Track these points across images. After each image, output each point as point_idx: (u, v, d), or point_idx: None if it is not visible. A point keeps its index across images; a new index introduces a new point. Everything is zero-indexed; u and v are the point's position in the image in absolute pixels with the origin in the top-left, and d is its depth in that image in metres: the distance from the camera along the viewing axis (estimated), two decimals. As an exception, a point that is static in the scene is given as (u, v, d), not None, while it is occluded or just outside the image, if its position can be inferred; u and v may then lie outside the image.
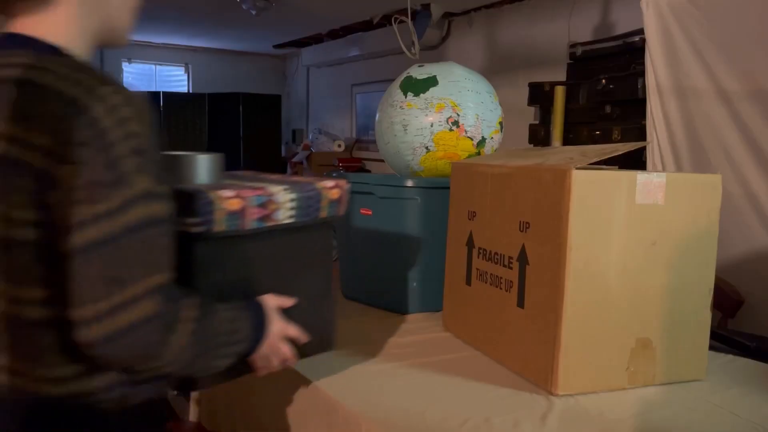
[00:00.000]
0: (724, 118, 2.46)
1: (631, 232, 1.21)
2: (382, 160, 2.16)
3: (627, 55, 3.63)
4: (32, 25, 0.82)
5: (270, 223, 1.06)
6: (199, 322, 0.81)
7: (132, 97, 0.77)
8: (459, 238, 1.55)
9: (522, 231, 1.29)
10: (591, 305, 1.20)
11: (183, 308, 0.79)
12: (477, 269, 1.47)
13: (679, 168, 2.61)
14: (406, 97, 1.95)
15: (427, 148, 1.93)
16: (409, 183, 1.81)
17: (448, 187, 1.63)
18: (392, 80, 2.10)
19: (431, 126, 1.91)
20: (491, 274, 1.40)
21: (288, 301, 1.05)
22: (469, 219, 1.51)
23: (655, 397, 1.23)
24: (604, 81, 3.73)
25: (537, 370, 1.25)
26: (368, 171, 6.17)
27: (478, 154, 1.96)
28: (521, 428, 1.07)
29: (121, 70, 7.91)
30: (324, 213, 1.16)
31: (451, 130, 1.90)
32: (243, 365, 1.01)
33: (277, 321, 1.00)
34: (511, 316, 1.33)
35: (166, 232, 0.78)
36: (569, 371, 1.20)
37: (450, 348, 1.49)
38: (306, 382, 1.28)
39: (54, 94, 0.75)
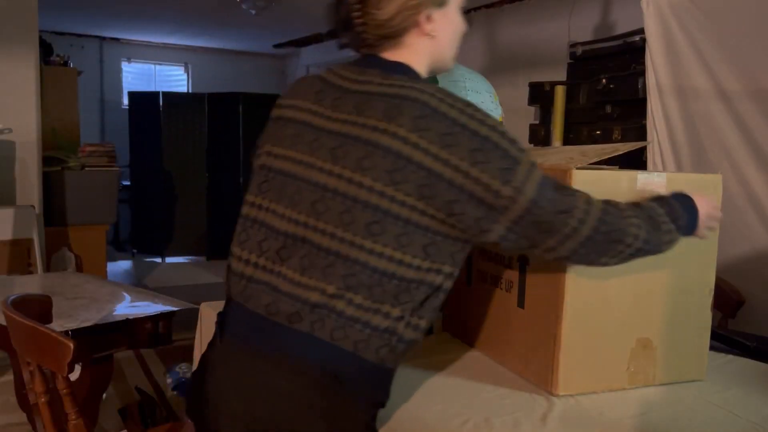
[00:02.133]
0: (724, 117, 2.46)
1: (632, 231, 1.21)
2: (382, 160, 2.15)
3: (627, 54, 3.64)
4: (389, 55, 1.11)
5: None
6: (631, 209, 1.09)
7: (484, 110, 1.03)
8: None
9: (522, 231, 1.28)
10: (591, 305, 1.20)
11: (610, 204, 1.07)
12: (477, 269, 1.47)
13: (679, 168, 2.61)
14: (406, 97, 1.95)
15: (427, 147, 1.93)
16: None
17: (448, 187, 1.63)
18: (392, 80, 2.10)
19: (431, 126, 1.91)
20: (491, 274, 1.40)
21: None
22: (469, 219, 1.50)
23: (655, 397, 1.23)
24: (604, 81, 3.73)
25: (537, 370, 1.25)
26: (368, 171, 6.16)
27: (478, 153, 1.95)
28: (521, 428, 1.07)
29: (120, 70, 7.92)
30: None
31: (451, 129, 1.90)
32: None
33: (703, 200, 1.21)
34: (511, 316, 1.33)
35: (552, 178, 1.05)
36: (569, 371, 1.20)
37: (450, 348, 1.49)
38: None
39: (440, 114, 0.99)
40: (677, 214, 1.13)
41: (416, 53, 1.12)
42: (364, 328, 1.00)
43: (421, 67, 1.13)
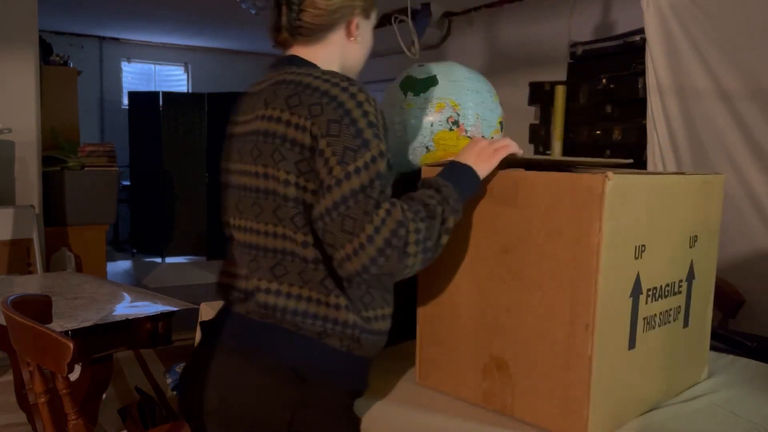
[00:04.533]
0: (724, 117, 2.46)
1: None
2: (382, 160, 2.15)
3: (627, 54, 3.63)
4: (304, 53, 1.19)
5: None
6: (422, 221, 1.00)
7: (362, 87, 1.05)
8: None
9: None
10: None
11: (407, 221, 0.98)
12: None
13: (679, 168, 2.61)
14: (406, 97, 1.95)
15: (427, 147, 1.93)
16: (409, 183, 1.80)
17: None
18: (392, 80, 2.10)
19: (431, 126, 1.90)
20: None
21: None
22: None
23: (655, 398, 1.23)
24: (604, 80, 3.73)
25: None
26: (368, 171, 6.16)
27: (479, 153, 1.95)
28: (522, 429, 1.06)
29: (120, 70, 7.91)
30: None
31: (451, 129, 1.90)
32: None
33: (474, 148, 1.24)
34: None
35: (390, 178, 1.03)
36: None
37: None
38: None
39: (312, 88, 1.04)
40: (447, 195, 1.07)
41: (333, 51, 1.20)
42: (312, 318, 1.05)
43: (332, 60, 1.20)
